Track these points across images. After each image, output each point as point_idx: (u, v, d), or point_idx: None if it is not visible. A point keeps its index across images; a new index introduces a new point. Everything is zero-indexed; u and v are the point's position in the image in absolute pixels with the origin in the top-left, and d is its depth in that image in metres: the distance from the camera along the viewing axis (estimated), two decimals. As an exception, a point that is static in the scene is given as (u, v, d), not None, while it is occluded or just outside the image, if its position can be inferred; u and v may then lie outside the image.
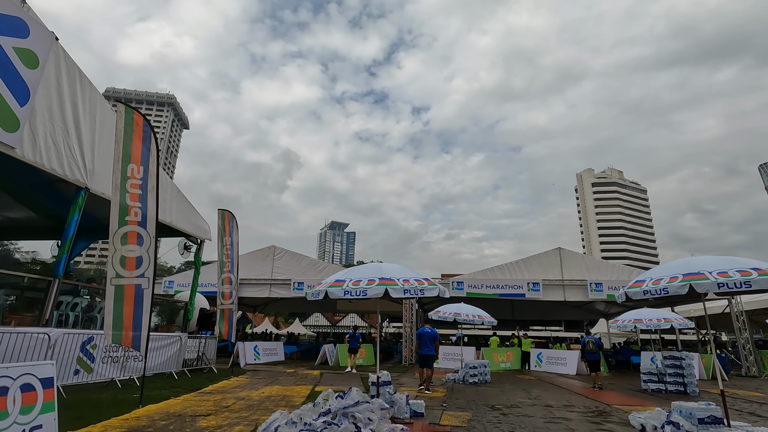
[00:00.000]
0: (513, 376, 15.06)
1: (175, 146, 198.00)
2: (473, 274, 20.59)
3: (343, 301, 33.21)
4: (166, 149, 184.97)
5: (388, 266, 6.13)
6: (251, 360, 17.69)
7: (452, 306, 12.73)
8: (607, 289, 19.15)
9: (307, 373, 13.69)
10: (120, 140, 6.79)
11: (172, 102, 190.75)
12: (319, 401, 5.34)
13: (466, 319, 12.21)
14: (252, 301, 30.39)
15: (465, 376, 11.85)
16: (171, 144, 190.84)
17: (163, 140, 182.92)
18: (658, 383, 10.97)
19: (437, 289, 5.80)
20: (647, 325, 11.35)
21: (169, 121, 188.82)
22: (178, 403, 7.13)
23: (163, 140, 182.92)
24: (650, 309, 12.22)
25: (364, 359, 18.71)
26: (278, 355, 19.90)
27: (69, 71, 8.85)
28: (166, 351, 11.34)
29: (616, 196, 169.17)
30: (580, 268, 20.01)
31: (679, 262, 5.62)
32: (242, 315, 67.56)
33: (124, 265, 6.55)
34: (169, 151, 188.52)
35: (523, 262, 20.52)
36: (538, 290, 19.50)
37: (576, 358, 16.49)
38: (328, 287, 5.82)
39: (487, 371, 12.36)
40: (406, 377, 13.14)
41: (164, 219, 11.78)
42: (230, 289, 12.29)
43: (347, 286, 5.71)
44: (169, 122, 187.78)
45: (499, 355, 18.47)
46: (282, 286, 21.16)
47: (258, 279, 21.35)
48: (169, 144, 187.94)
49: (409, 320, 19.95)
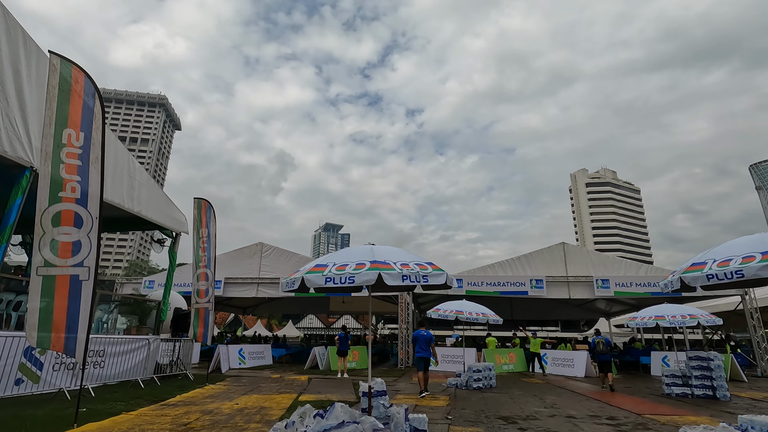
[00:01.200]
0: (518, 379, 13.91)
1: (167, 147, 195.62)
2: (472, 271, 19.46)
3: (336, 301, 32.01)
4: (158, 150, 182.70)
5: (382, 248, 4.92)
6: (235, 365, 16.40)
7: (453, 303, 11.55)
8: (615, 286, 18.08)
9: (294, 378, 12.44)
10: (53, 99, 5.53)
11: (163, 103, 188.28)
12: (294, 421, 4.12)
13: (469, 317, 11.03)
14: (241, 302, 29.02)
15: (468, 381, 10.67)
16: (162, 145, 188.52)
17: (154, 141, 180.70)
18: (682, 387, 9.86)
19: (444, 276, 4.60)
20: (671, 322, 10.30)
21: (161, 122, 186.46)
22: (128, 420, 5.87)
23: (154, 141, 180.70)
24: (672, 305, 11.14)
25: (357, 362, 17.49)
26: (266, 359, 18.61)
27: (9, 30, 7.57)
28: (133, 356, 10.04)
29: (609, 196, 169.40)
30: (585, 263, 18.94)
31: (753, 239, 4.49)
32: (234, 317, 66.02)
33: (56, 252, 5.29)
34: (160, 152, 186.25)
35: (525, 258, 19.42)
36: (542, 287, 18.40)
37: (584, 359, 15.38)
38: (305, 273, 4.60)
39: (492, 375, 11.20)
40: (402, 382, 11.95)
41: (132, 208, 10.51)
42: (206, 285, 11.02)
43: (329, 271, 4.49)
44: (160, 123, 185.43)
45: (501, 357, 17.32)
46: (270, 285, 19.87)
47: (245, 278, 20.07)
48: (160, 145, 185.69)
49: (404, 321, 18.76)
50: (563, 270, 18.89)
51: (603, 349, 11.70)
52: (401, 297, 18.95)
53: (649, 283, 17.95)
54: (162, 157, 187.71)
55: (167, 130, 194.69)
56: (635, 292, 17.94)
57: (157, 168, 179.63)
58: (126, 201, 10.37)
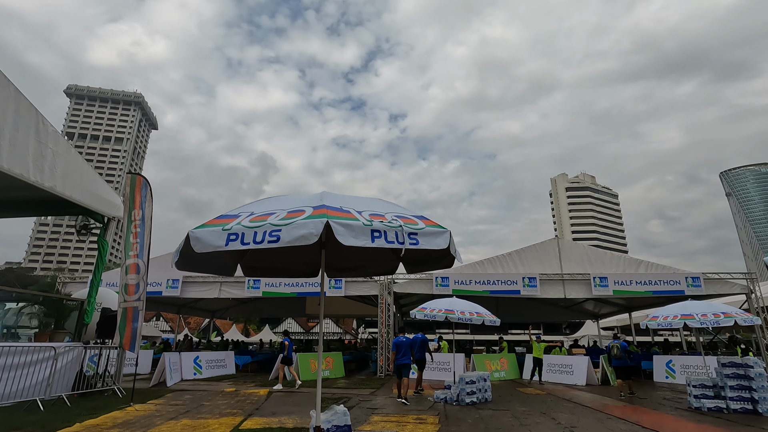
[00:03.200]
0: (514, 389, 12.16)
1: (143, 147, 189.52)
2: (460, 269, 17.69)
3: (312, 303, 29.75)
4: (133, 150, 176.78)
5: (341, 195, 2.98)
6: (189, 375, 14.20)
7: (442, 302, 9.72)
8: (614, 284, 16.59)
9: (251, 392, 10.38)
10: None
11: (140, 101, 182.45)
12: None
13: (461, 318, 9.19)
14: (209, 305, 26.53)
15: (460, 395, 8.83)
16: (138, 144, 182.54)
17: (129, 140, 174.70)
18: (714, 399, 8.24)
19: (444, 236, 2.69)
20: (701, 322, 8.65)
21: (137, 120, 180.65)
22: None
23: (129, 140, 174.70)
24: (700, 302, 9.56)
25: (332, 370, 15.49)
26: (227, 368, 16.40)
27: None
28: (36, 369, 7.84)
29: (589, 200, 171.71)
30: (581, 260, 17.43)
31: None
32: (209, 322, 62.42)
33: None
34: (135, 152, 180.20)
35: (517, 254, 17.80)
36: (535, 286, 16.77)
37: (584, 365, 13.75)
38: (192, 230, 2.62)
39: (487, 387, 9.39)
40: (381, 395, 10.03)
41: (41, 182, 8.28)
42: (136, 280, 8.88)
43: (237, 224, 2.53)
44: (136, 122, 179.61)
45: (492, 363, 15.57)
46: (235, 285, 17.71)
47: (206, 276, 17.84)
48: (136, 144, 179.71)
49: (385, 323, 16.85)
50: (558, 267, 17.33)
51: (617, 354, 11.00)
52: (381, 297, 17.07)
53: (650, 281, 16.53)
54: (137, 156, 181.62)
55: (143, 130, 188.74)
56: (635, 291, 16.48)
57: (131, 168, 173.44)
58: (32, 172, 8.17)
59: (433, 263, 3.14)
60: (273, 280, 17.35)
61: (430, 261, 3.23)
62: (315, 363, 14.83)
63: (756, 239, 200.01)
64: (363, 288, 17.38)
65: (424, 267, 3.49)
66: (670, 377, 14.85)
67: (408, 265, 3.63)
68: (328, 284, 17.27)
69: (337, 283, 17.28)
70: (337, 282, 17.27)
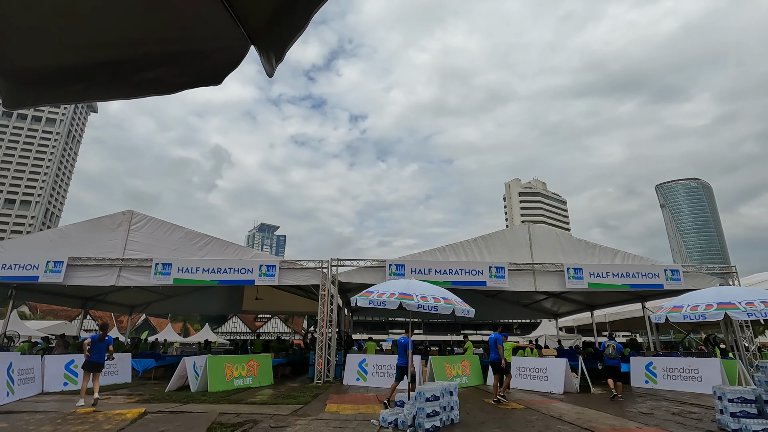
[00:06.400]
0: (481, 400, 9.66)
1: (79, 131, 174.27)
2: (418, 255, 15.12)
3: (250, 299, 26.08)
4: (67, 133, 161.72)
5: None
6: (56, 386, 10.59)
7: (397, 284, 6.88)
8: (589, 276, 14.66)
9: (115, 414, 7.09)
10: None
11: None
12: None
13: (422, 305, 6.30)
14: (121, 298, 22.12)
15: (417, 416, 6.09)
16: (74, 128, 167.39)
17: (63, 122, 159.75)
18: (759, 418, 6.06)
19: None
20: (749, 313, 6.38)
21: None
22: None
23: (63, 122, 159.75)
24: (734, 287, 7.47)
25: (255, 377, 12.31)
26: (119, 375, 12.75)
27: None
28: None
29: (540, 205, 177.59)
30: (554, 249, 15.38)
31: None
32: (144, 321, 56.00)
33: None
34: (70, 135, 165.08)
35: (483, 241, 15.45)
36: (503, 277, 14.51)
37: (562, 370, 11.54)
38: None
39: (454, 403, 6.75)
40: (306, 415, 7.11)
41: None
42: None
43: None
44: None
45: (453, 367, 13.06)
46: (138, 269, 14.12)
47: (101, 258, 14.08)
48: (71, 128, 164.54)
49: (326, 318, 13.92)
50: (528, 256, 15.18)
51: (612, 353, 10.59)
52: (323, 288, 14.12)
53: (628, 273, 14.76)
54: (72, 140, 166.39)
55: (80, 112, 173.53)
56: (612, 284, 14.64)
57: (64, 152, 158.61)
58: None
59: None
60: (187, 265, 13.93)
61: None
62: (232, 369, 11.61)
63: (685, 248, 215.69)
64: (301, 276, 14.36)
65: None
66: (650, 381, 13.01)
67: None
68: (259, 272, 14.11)
69: (269, 270, 14.15)
70: (270, 269, 14.15)
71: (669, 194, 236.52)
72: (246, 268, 14.08)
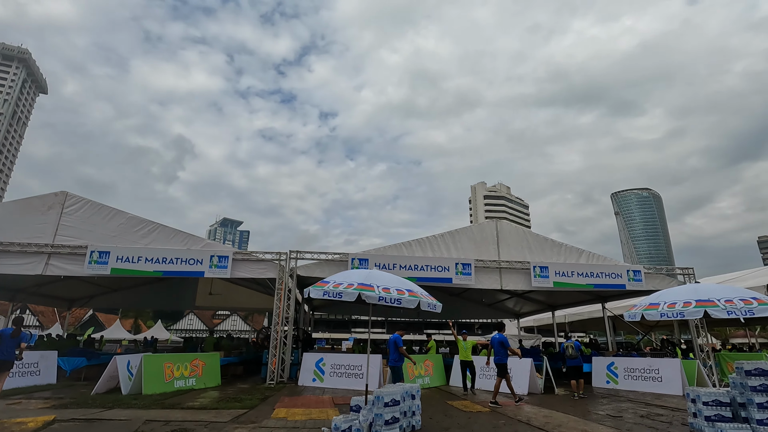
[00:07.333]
0: (445, 403, 9.07)
1: (25, 112, 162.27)
2: (383, 250, 14.43)
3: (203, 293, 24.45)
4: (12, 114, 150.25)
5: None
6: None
7: (356, 273, 6.14)
8: (554, 275, 14.47)
9: (21, 423, 5.92)
10: None
11: (25, 58, 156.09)
12: None
13: (384, 297, 5.55)
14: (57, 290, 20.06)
15: (375, 423, 5.36)
16: (19, 108, 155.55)
17: (8, 102, 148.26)
18: (734, 422, 5.74)
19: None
20: (729, 311, 6.04)
21: (19, 80, 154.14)
22: None
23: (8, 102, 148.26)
24: (713, 285, 7.17)
25: (199, 378, 11.18)
26: (41, 375, 11.27)
27: None
28: None
29: (504, 209, 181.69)
30: (520, 246, 15.10)
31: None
32: (91, 316, 52.04)
33: None
34: (15, 117, 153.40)
35: (450, 236, 14.95)
36: (470, 274, 14.06)
37: (527, 370, 11.16)
38: None
39: (416, 407, 6.07)
40: (249, 422, 6.22)
41: None
42: None
43: None
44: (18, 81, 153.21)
45: (415, 367, 12.44)
46: (71, 257, 12.62)
47: (26, 244, 12.48)
48: (16, 108, 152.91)
49: (282, 315, 12.97)
50: (495, 253, 14.83)
51: (572, 354, 10.76)
52: (280, 282, 13.15)
53: (592, 273, 14.68)
54: (17, 122, 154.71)
55: (27, 92, 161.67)
56: (577, 283, 14.50)
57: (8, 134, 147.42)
58: None
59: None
60: (128, 254, 12.58)
61: None
62: (173, 368, 10.45)
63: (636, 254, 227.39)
64: (256, 269, 13.32)
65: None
66: (611, 382, 12.92)
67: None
68: (210, 263, 12.96)
69: (221, 262, 13.03)
70: (222, 260, 13.02)
71: (623, 203, 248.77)
72: (195, 259, 12.88)
